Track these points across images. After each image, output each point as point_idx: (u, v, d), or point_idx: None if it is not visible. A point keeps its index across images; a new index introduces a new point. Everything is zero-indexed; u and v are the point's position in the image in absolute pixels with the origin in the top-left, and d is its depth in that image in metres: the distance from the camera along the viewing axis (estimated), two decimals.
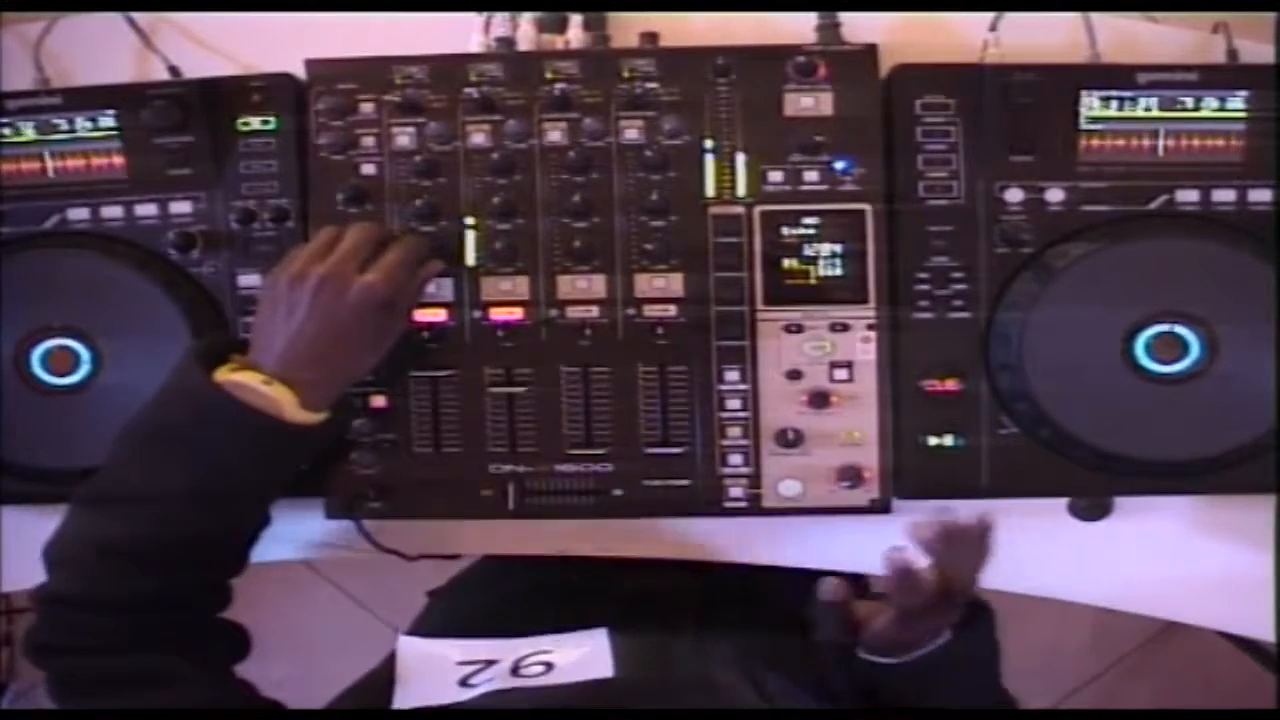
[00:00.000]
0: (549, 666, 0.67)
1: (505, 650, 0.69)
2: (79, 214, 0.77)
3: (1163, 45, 0.80)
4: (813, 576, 0.75)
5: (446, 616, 0.88)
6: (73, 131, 0.76)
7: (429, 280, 0.74)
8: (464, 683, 0.66)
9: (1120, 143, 0.75)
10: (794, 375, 0.75)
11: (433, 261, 0.73)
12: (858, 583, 0.74)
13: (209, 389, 0.64)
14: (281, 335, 0.66)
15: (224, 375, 0.65)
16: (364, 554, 0.79)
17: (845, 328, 0.75)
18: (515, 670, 0.67)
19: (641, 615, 0.72)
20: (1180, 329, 0.72)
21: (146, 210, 0.77)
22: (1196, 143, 0.74)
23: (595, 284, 0.75)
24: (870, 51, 0.75)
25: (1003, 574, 0.80)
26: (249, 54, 0.81)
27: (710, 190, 0.75)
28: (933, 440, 0.75)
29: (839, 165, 0.75)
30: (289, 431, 0.65)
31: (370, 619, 1.62)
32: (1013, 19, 0.77)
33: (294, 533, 0.79)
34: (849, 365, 0.75)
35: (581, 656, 0.68)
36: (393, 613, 1.55)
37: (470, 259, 0.76)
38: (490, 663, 0.68)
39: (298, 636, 0.75)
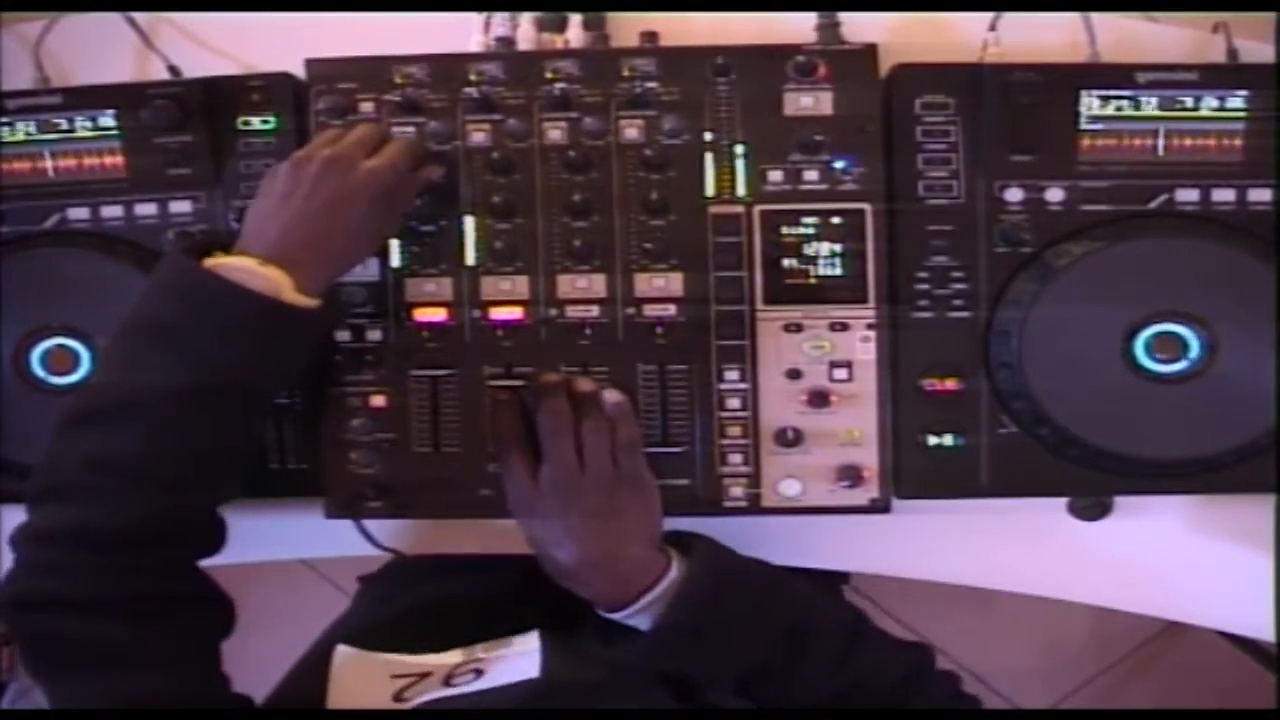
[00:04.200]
0: (479, 674, 0.67)
1: (439, 663, 0.69)
2: (79, 214, 0.77)
3: (1163, 45, 0.80)
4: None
5: (378, 604, 0.87)
6: (73, 131, 0.76)
7: (428, 182, 0.73)
8: (397, 698, 0.66)
9: (1120, 142, 0.75)
10: (794, 375, 0.75)
11: (432, 165, 0.73)
12: None
13: (201, 275, 0.62)
14: (277, 218, 0.65)
15: (214, 262, 0.64)
16: (364, 554, 0.79)
17: (845, 327, 0.75)
18: (447, 681, 0.67)
19: (576, 617, 0.72)
20: (1180, 329, 0.73)
21: (146, 210, 0.77)
22: (1196, 142, 0.74)
23: (595, 283, 0.75)
24: (870, 51, 0.75)
25: (1003, 574, 0.81)
26: (249, 54, 0.81)
27: (710, 190, 0.75)
28: (932, 440, 0.75)
29: (839, 165, 0.75)
30: (288, 314, 0.63)
31: None
32: (1013, 19, 0.77)
33: (294, 533, 0.79)
34: (849, 365, 0.75)
35: (510, 661, 0.67)
36: None
37: (470, 258, 0.76)
38: (424, 675, 0.68)
39: (297, 636, 0.75)
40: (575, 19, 0.78)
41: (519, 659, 0.67)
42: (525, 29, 0.78)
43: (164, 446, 0.61)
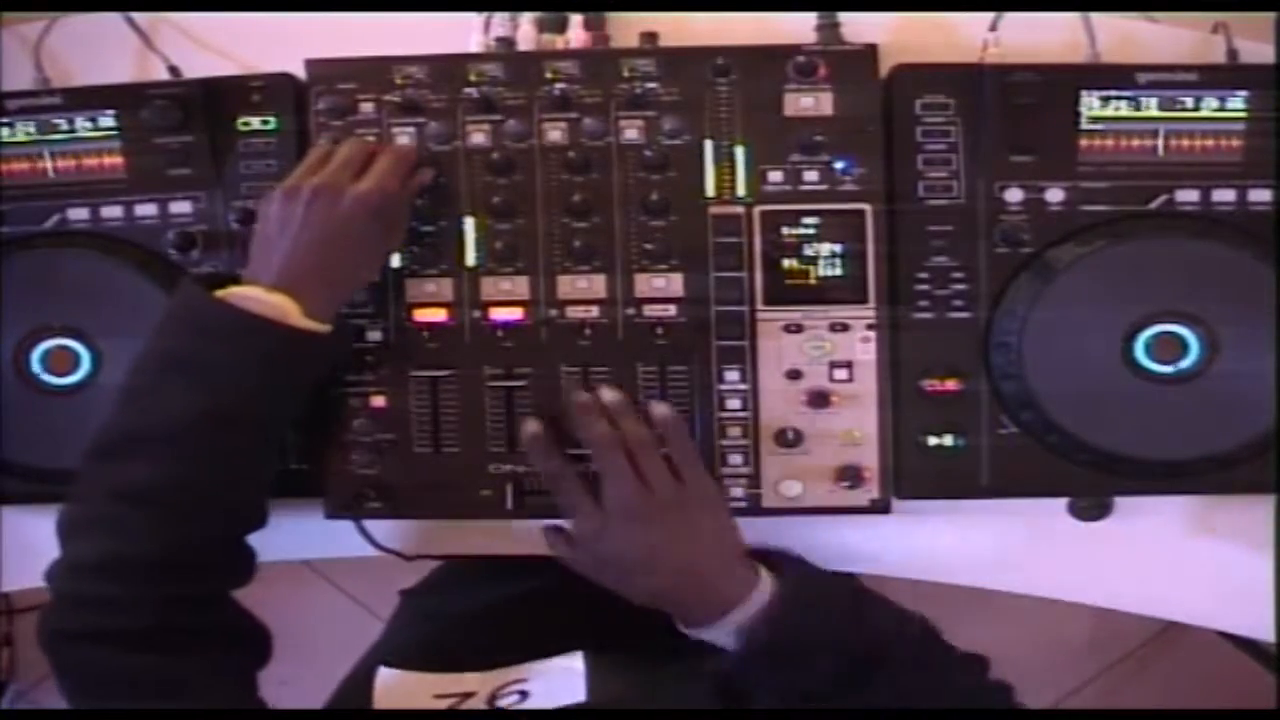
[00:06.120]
0: (524, 695, 0.67)
1: (482, 683, 0.69)
2: (79, 214, 0.77)
3: (1163, 45, 0.80)
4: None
5: (421, 619, 0.87)
6: (73, 131, 0.76)
7: (419, 189, 0.73)
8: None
9: (1120, 143, 0.75)
10: (794, 375, 0.75)
11: (422, 170, 0.74)
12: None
13: (211, 304, 0.64)
14: (278, 249, 0.66)
15: (223, 292, 0.65)
16: (364, 554, 0.79)
17: (845, 328, 0.75)
18: (491, 702, 0.67)
19: (624, 635, 0.71)
20: (1180, 329, 0.73)
21: (146, 210, 0.77)
22: (1196, 143, 0.74)
23: (595, 284, 0.75)
24: (870, 51, 0.75)
25: (1003, 574, 0.81)
26: (249, 54, 0.81)
27: (710, 190, 0.75)
28: (933, 440, 0.75)
29: (839, 165, 0.74)
30: (297, 338, 0.64)
31: (370, 619, 1.62)
32: (1013, 19, 0.77)
33: (294, 533, 0.79)
34: (849, 365, 0.75)
35: (555, 683, 0.67)
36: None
37: (470, 259, 0.76)
38: (467, 695, 0.68)
39: (297, 636, 0.75)
40: (575, 19, 0.78)
41: (564, 681, 0.67)
42: (525, 29, 0.78)
43: (188, 473, 0.62)
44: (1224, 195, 0.74)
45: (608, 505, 0.67)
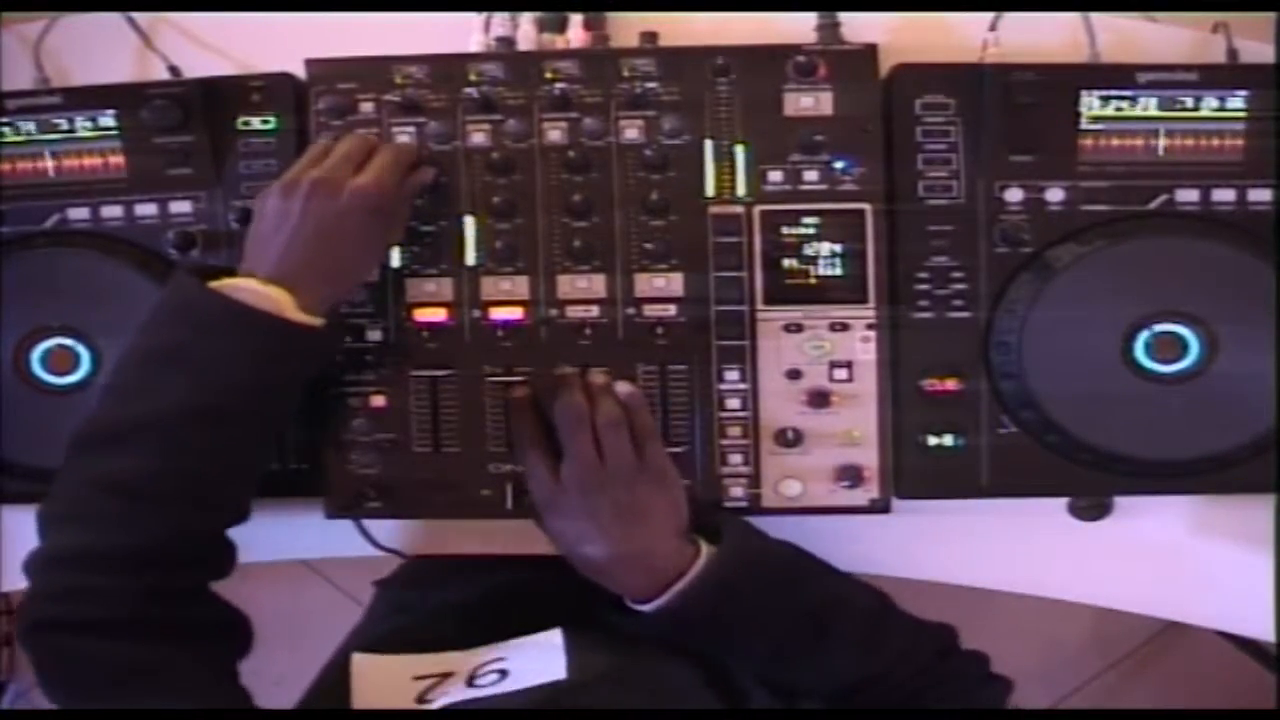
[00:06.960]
0: (503, 674, 0.67)
1: (460, 662, 0.69)
2: (79, 214, 0.77)
3: (1163, 45, 0.80)
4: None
5: (396, 611, 0.87)
6: (73, 131, 0.76)
7: (419, 187, 0.73)
8: (420, 699, 0.66)
9: (1120, 143, 0.75)
10: (794, 375, 0.75)
11: (423, 168, 0.73)
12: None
13: (205, 295, 0.63)
14: (275, 241, 0.65)
15: (218, 284, 0.64)
16: (364, 554, 0.79)
17: (845, 327, 0.75)
18: (470, 681, 0.67)
19: (599, 614, 0.72)
20: (1180, 329, 0.73)
21: (146, 210, 0.77)
22: (1196, 143, 0.74)
23: (595, 283, 0.75)
24: (870, 51, 0.75)
25: (1003, 574, 0.81)
26: (249, 54, 0.81)
27: (710, 190, 0.75)
28: (933, 440, 0.75)
29: (839, 165, 0.74)
30: (290, 331, 0.64)
31: None
32: (1013, 19, 0.77)
33: (294, 533, 0.79)
34: (849, 365, 0.75)
35: (535, 660, 0.67)
36: None
37: (470, 259, 0.76)
38: (446, 675, 0.68)
39: (296, 636, 0.75)
40: (575, 19, 0.78)
41: (543, 658, 0.67)
42: (525, 29, 0.78)
43: (173, 466, 0.61)
44: (1224, 195, 0.75)
45: (563, 475, 0.69)
